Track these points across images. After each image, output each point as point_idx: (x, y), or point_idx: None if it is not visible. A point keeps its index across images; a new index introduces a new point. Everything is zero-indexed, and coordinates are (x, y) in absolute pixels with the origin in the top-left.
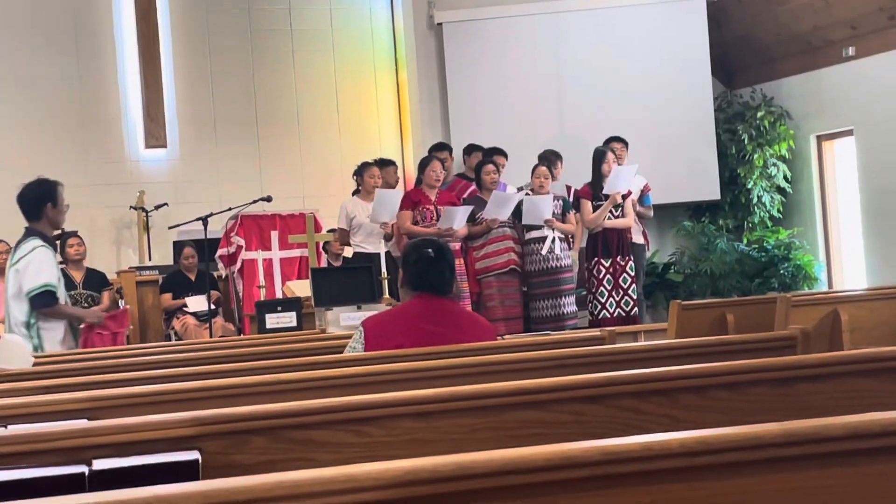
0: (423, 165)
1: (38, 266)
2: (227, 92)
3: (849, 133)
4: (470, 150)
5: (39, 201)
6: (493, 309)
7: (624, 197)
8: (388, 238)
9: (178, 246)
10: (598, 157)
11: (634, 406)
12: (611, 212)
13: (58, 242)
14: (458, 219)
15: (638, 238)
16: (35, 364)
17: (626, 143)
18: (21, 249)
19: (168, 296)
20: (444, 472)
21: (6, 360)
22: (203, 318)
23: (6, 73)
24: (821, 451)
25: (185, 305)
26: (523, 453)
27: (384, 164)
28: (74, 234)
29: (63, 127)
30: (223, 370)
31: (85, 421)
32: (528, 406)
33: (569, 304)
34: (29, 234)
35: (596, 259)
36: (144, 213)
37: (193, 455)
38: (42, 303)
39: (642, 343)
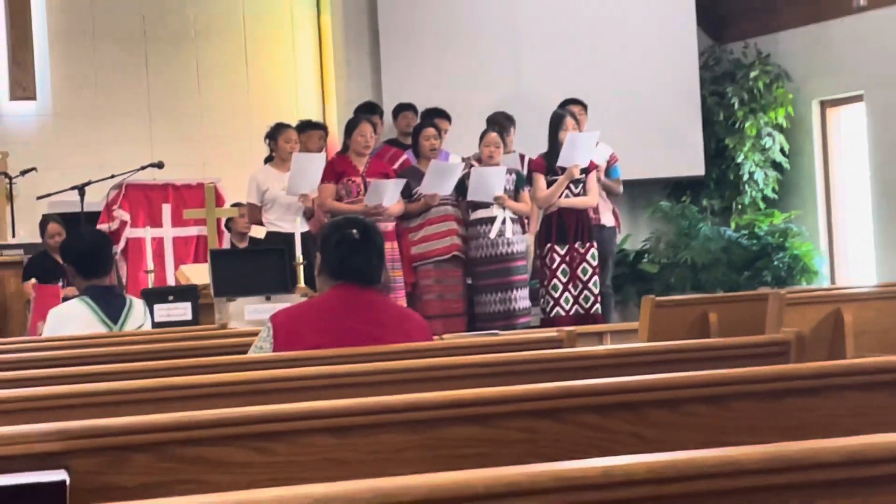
0: (351, 128)
1: None
2: (112, 32)
3: (858, 99)
4: (400, 109)
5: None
6: (430, 303)
7: (585, 171)
8: (308, 214)
9: (46, 221)
10: (556, 122)
11: (596, 423)
12: (570, 188)
13: None
14: (388, 194)
15: (608, 219)
16: None
17: (585, 106)
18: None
19: (31, 283)
20: (361, 499)
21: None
22: None
23: None
24: (811, 479)
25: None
26: (459, 478)
27: (307, 127)
28: None
29: None
30: (98, 372)
31: None
32: (468, 421)
33: (521, 299)
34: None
35: (550, 245)
36: (7, 180)
37: (60, 475)
38: None
39: (608, 347)
